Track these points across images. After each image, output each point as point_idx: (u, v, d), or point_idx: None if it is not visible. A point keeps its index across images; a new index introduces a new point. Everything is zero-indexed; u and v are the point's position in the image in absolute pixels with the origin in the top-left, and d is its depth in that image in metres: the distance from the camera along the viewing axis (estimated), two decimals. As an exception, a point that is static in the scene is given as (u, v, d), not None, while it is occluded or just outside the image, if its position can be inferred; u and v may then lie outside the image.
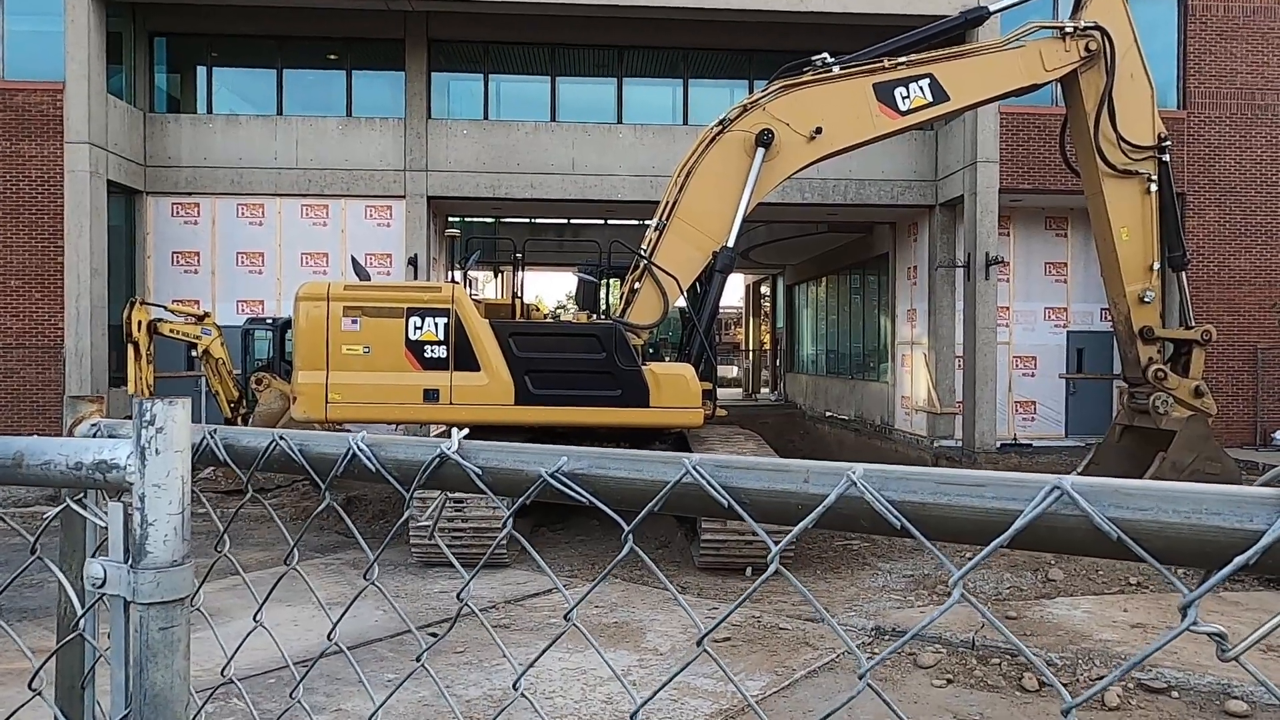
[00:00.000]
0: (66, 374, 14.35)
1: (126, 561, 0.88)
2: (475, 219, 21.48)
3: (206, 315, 12.41)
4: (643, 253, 9.65)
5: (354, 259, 11.08)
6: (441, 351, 9.00)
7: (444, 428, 13.10)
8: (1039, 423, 17.07)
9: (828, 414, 23.31)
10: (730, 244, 9.73)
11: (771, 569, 0.73)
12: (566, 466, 0.74)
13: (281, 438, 0.97)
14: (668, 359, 10.98)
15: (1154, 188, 10.67)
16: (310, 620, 6.51)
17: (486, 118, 17.12)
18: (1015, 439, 16.52)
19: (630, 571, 8.38)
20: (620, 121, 17.16)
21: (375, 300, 9.10)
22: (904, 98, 10.03)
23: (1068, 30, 10.44)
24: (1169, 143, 10.78)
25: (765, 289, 34.98)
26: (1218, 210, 16.29)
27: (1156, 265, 10.81)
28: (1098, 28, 10.43)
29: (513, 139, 16.45)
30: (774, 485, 0.64)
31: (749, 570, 8.52)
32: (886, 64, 10.01)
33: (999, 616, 6.93)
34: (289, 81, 16.99)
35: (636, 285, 9.68)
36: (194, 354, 12.64)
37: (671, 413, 9.12)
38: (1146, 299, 10.78)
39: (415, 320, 9.00)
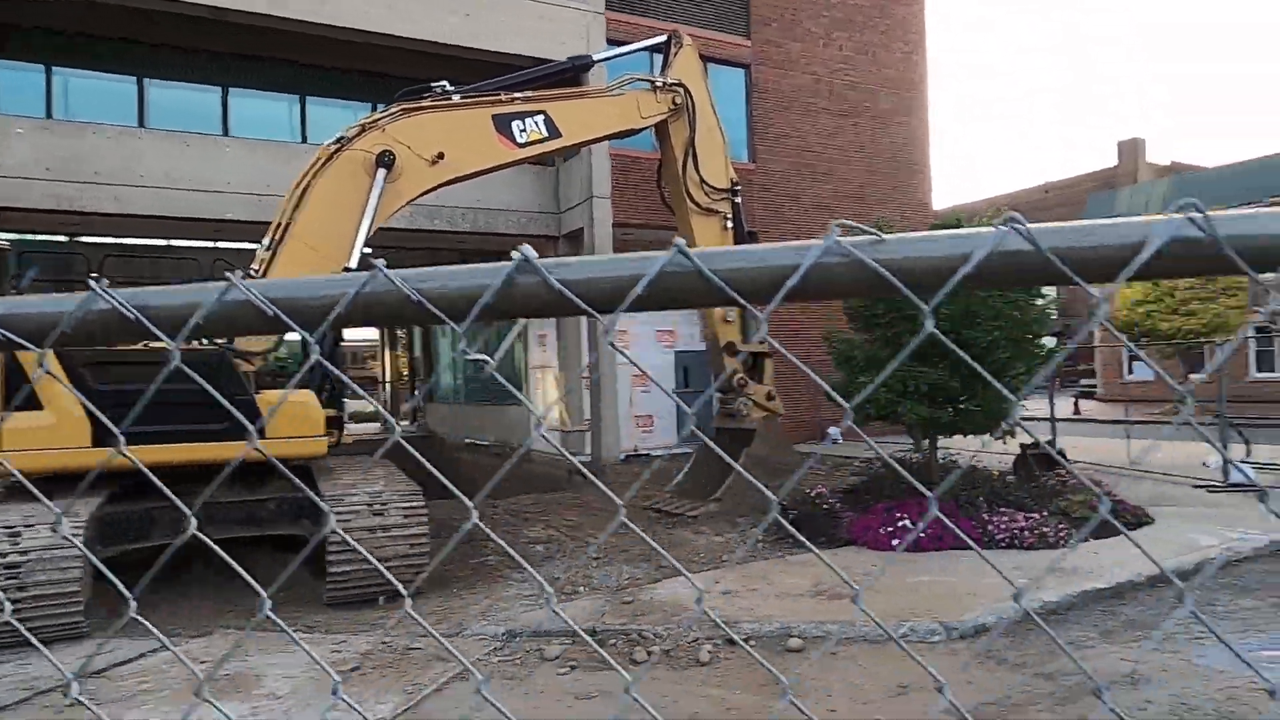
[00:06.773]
0: None
1: None
2: (42, 234, 18.00)
3: None
4: (254, 273, 8.92)
5: None
6: (-15, 388, 7.41)
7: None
8: (657, 434, 18.98)
9: (468, 441, 23.45)
10: (352, 265, 9.40)
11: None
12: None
13: None
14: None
15: (730, 224, 12.61)
16: None
17: (50, 116, 14.53)
18: (637, 450, 18.16)
19: (242, 621, 7.66)
20: (227, 134, 15.69)
21: (-119, 326, 7.17)
22: (521, 130, 10.63)
23: (658, 84, 11.94)
24: (739, 187, 12.82)
25: (403, 319, 34.22)
26: (781, 248, 19.68)
27: (735, 290, 12.75)
28: (681, 84, 12.09)
29: (89, 144, 14.13)
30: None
31: (382, 600, 8.25)
32: (504, 98, 10.54)
33: (618, 603, 7.56)
34: None
35: (247, 307, 8.91)
36: None
37: (290, 443, 8.51)
38: (729, 319, 12.63)
39: (-55, 351, 7.29)
